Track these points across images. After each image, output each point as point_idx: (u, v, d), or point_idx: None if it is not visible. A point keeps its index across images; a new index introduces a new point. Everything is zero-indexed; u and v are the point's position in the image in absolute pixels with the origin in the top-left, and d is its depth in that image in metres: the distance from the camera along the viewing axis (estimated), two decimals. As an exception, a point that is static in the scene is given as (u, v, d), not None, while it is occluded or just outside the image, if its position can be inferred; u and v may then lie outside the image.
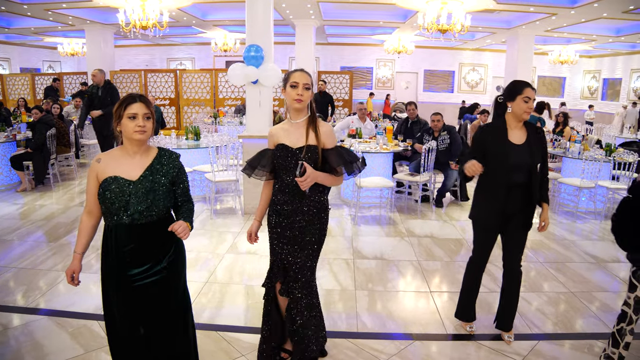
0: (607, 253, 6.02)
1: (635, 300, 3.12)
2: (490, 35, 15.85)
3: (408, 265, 5.29)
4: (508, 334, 3.77)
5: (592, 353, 3.68)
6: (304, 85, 2.86)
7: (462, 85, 21.71)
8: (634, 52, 19.16)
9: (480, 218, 3.65)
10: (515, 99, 3.42)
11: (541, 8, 10.43)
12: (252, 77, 6.19)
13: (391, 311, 4.19)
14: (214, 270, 4.93)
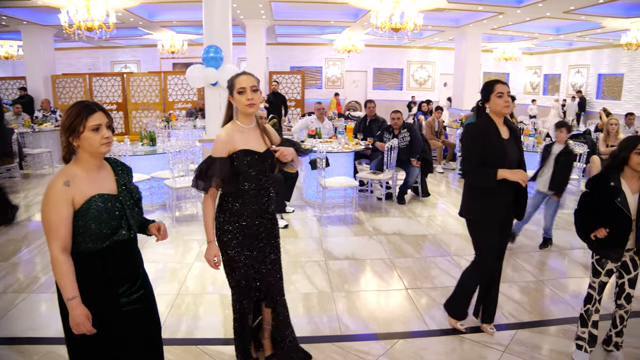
0: (566, 241, 6.27)
1: (599, 285, 3.33)
2: (438, 34, 16.16)
3: (380, 263, 5.28)
4: (489, 325, 3.83)
5: (568, 337, 3.82)
6: (252, 88, 2.74)
7: (411, 82, 22.05)
8: (571, 50, 20.12)
9: (487, 218, 3.54)
10: (490, 98, 3.45)
11: (489, 7, 10.72)
12: (212, 79, 6.03)
13: (371, 311, 4.17)
14: (184, 281, 4.75)
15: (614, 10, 11.17)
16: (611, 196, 3.13)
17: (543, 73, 22.55)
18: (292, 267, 5.05)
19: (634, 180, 3.17)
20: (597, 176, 3.28)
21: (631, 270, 3.30)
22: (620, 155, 3.15)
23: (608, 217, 3.14)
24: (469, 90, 14.62)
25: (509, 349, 3.62)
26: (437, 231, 6.43)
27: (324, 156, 6.65)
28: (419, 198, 8.10)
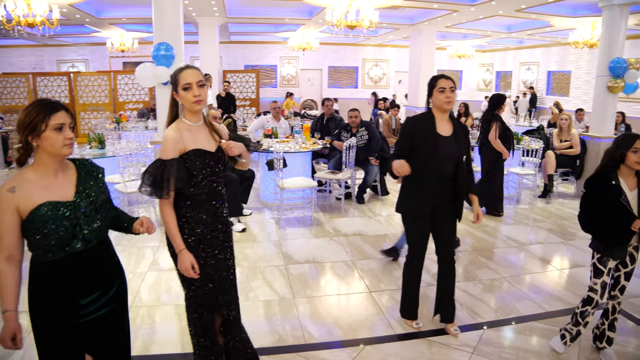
0: (525, 236, 6.36)
1: (602, 286, 3.30)
2: (393, 32, 16.21)
3: (342, 266, 5.17)
4: (453, 327, 3.79)
5: (534, 334, 3.83)
6: (198, 84, 2.55)
7: (366, 80, 22.11)
8: (522, 47, 20.66)
9: (410, 210, 3.64)
10: (433, 93, 3.49)
11: (444, 5, 10.79)
12: (163, 78, 5.76)
13: (335, 317, 4.04)
14: (137, 292, 4.45)
15: (562, 10, 11.48)
16: (614, 195, 3.13)
17: (495, 70, 23.09)
18: (251, 273, 4.86)
19: (630, 178, 3.21)
20: (596, 176, 3.26)
21: (629, 264, 3.34)
22: (617, 154, 3.17)
23: (614, 216, 3.14)
24: (424, 87, 14.66)
25: (477, 350, 3.58)
26: (398, 230, 6.37)
27: (281, 156, 6.49)
28: (378, 197, 8.05)
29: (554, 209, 7.73)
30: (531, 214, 7.46)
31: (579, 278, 5.04)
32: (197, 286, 2.70)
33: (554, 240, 6.25)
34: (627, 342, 3.79)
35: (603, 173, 3.22)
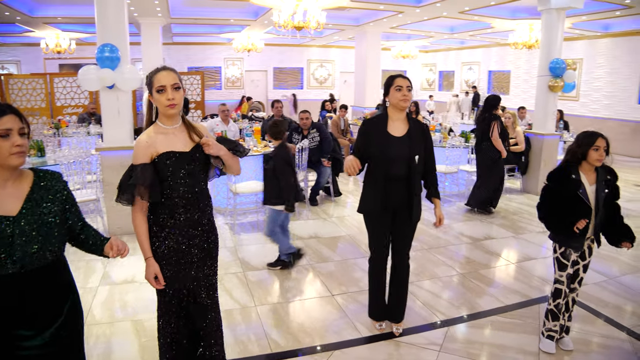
0: (478, 232, 6.52)
1: (567, 277, 3.44)
2: (338, 32, 16.28)
3: (301, 270, 5.10)
4: (397, 326, 3.81)
5: (497, 328, 3.93)
6: (173, 86, 2.44)
7: (311, 81, 22.14)
8: (464, 48, 21.32)
9: (367, 210, 3.65)
10: (389, 91, 3.51)
11: (390, 6, 10.91)
12: (108, 81, 5.48)
13: (300, 323, 3.96)
14: (89, 309, 4.16)
15: (502, 12, 11.90)
16: (573, 188, 3.28)
17: (438, 70, 23.69)
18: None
19: (590, 173, 3.34)
20: (558, 170, 3.41)
21: (587, 256, 3.49)
22: (579, 152, 3.30)
23: (571, 208, 3.28)
24: (370, 88, 14.88)
25: (444, 347, 3.61)
26: (354, 231, 6.38)
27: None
28: (331, 198, 8.04)
29: (502, 204, 7.95)
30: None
31: (532, 270, 5.22)
32: (170, 296, 2.61)
33: (505, 234, 6.43)
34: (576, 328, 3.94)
35: (565, 167, 3.36)
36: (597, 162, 3.25)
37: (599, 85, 15.32)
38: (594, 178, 3.33)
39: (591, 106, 15.55)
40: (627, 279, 5.11)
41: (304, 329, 3.86)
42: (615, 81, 14.78)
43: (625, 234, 3.33)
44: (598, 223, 3.34)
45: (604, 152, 3.24)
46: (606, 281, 5.03)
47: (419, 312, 4.16)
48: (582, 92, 15.70)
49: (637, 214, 7.76)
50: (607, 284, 4.95)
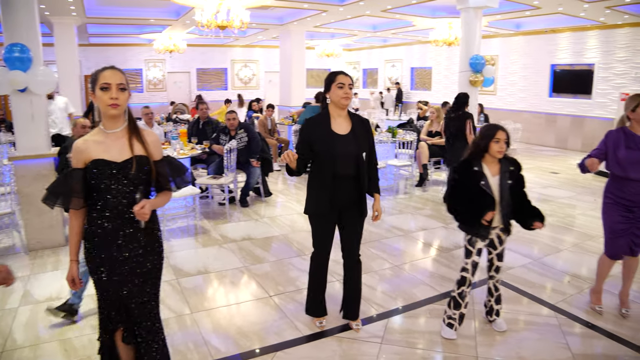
0: (408, 224, 6.69)
1: (472, 265, 3.54)
2: (262, 32, 16.17)
3: (237, 273, 4.98)
4: (356, 322, 3.82)
5: (435, 316, 4.03)
6: (118, 86, 2.34)
7: (236, 81, 21.87)
8: (386, 46, 21.81)
9: (313, 209, 3.58)
10: (330, 88, 3.46)
11: (314, 5, 10.94)
12: (19, 84, 5.10)
13: (239, 327, 3.85)
14: (9, 333, 3.79)
15: (423, 11, 12.28)
16: (476, 180, 3.38)
17: (362, 68, 24.09)
18: (140, 292, 4.48)
19: (493, 165, 3.45)
20: (463, 162, 3.49)
21: (497, 246, 3.60)
22: (481, 144, 3.41)
23: (475, 199, 3.38)
24: (296, 87, 14.89)
25: (385, 339, 3.66)
26: (287, 231, 6.33)
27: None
28: (262, 199, 7.95)
29: (430, 196, 8.19)
30: (411, 202, 7.84)
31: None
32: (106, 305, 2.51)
33: (435, 225, 6.62)
34: (506, 310, 4.15)
35: (469, 160, 3.47)
36: (498, 153, 3.37)
37: (514, 79, 16.19)
38: (497, 169, 3.44)
39: (508, 99, 16.40)
40: (549, 260, 5.44)
41: (244, 332, 3.77)
42: (528, 76, 15.68)
43: (535, 215, 3.47)
44: (505, 213, 3.45)
45: (505, 144, 3.37)
46: (531, 263, 5.33)
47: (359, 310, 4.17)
48: (499, 86, 16.51)
49: (553, 199, 8.25)
50: (532, 266, 5.24)
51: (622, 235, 3.92)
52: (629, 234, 3.91)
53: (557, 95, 14.94)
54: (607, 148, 3.88)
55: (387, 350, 3.52)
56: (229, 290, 4.61)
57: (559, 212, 7.41)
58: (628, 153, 3.76)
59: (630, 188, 3.81)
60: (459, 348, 3.57)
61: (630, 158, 3.76)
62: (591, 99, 14.08)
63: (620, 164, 3.81)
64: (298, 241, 5.90)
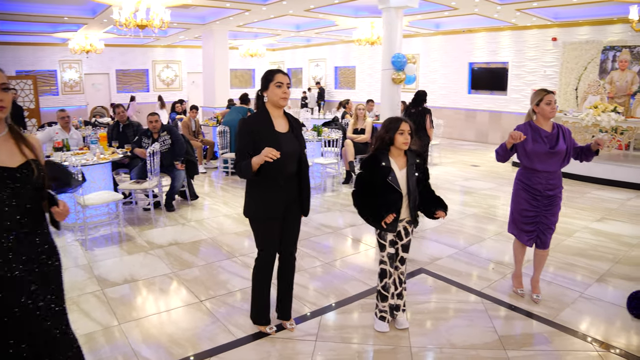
0: (337, 221, 6.79)
1: (388, 257, 3.61)
2: (184, 32, 15.79)
3: (165, 279, 4.83)
4: (290, 322, 3.81)
5: (367, 310, 4.10)
6: (1, 87, 2.18)
7: (158, 83, 21.26)
8: (310, 45, 21.94)
9: (260, 212, 3.46)
10: (269, 87, 3.39)
11: (236, 4, 10.81)
12: None
13: (170, 335, 3.73)
14: None
15: (345, 11, 12.45)
16: (383, 175, 3.41)
17: (286, 67, 24.10)
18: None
19: (400, 158, 3.51)
20: (370, 158, 3.52)
21: (403, 237, 3.66)
22: (386, 137, 3.45)
23: (382, 194, 3.42)
24: (220, 87, 14.68)
25: (319, 336, 3.68)
26: (215, 234, 6.22)
27: (78, 170, 5.82)
28: (188, 202, 7.77)
29: (357, 192, 8.33)
30: (338, 200, 7.94)
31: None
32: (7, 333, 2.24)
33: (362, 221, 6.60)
34: (430, 299, 4.36)
35: (375, 155, 3.51)
36: (404, 145, 3.44)
37: (435, 77, 16.78)
38: (404, 162, 3.52)
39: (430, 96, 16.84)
40: (474, 249, 5.70)
41: (175, 340, 3.65)
42: (448, 74, 16.32)
43: (438, 204, 3.58)
44: (412, 206, 3.53)
45: (409, 136, 3.44)
46: (456, 253, 5.55)
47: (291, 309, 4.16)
48: (421, 84, 17.05)
49: (475, 190, 8.63)
50: (457, 255, 5.47)
51: (528, 223, 4.17)
52: (537, 224, 4.15)
53: (476, 92, 15.65)
54: None
55: (323, 347, 3.54)
56: (158, 298, 4.46)
57: (482, 203, 7.75)
58: (534, 146, 4.00)
59: (536, 178, 4.06)
60: (393, 340, 3.65)
61: (536, 151, 4.00)
62: (507, 95, 14.88)
63: (527, 156, 4.05)
64: (227, 244, 5.80)
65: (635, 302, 4.14)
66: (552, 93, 4.05)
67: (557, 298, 4.40)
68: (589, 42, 12.75)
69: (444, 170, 10.65)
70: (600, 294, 4.53)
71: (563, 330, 3.84)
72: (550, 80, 13.76)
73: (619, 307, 4.23)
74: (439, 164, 11.34)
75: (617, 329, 3.90)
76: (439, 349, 3.55)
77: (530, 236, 4.20)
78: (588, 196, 8.33)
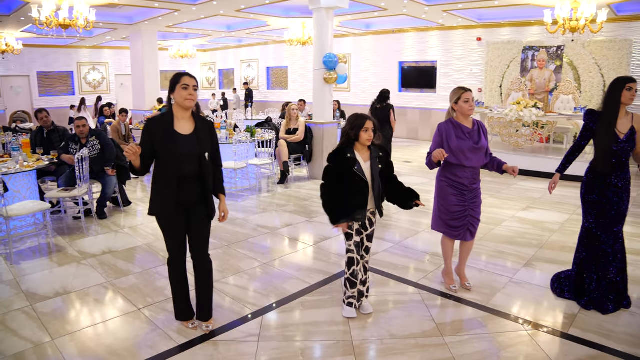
0: (273, 221, 6.85)
1: (355, 245, 3.79)
2: (110, 32, 15.23)
3: (100, 289, 4.66)
4: (206, 324, 3.82)
5: (307, 307, 4.19)
6: None
7: (84, 85, 20.43)
8: (242, 46, 21.77)
9: (159, 210, 3.55)
10: (175, 89, 3.46)
11: (165, 4, 10.57)
12: None
13: (108, 346, 3.61)
14: None
15: (276, 11, 12.45)
16: (349, 166, 3.62)
17: (218, 68, 23.80)
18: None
19: (364, 152, 3.74)
20: (336, 150, 3.72)
21: (368, 227, 3.84)
22: (352, 134, 3.67)
23: (349, 184, 3.63)
24: (150, 90, 14.32)
25: (262, 336, 3.71)
26: (150, 239, 6.08)
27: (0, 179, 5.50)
28: (121, 209, 7.54)
29: (292, 192, 8.39)
30: (274, 200, 7.97)
31: (329, 249, 5.70)
32: None
33: (299, 220, 6.82)
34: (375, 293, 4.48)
35: (341, 147, 3.73)
36: (367, 141, 3.69)
37: (366, 76, 17.12)
38: (368, 156, 3.75)
39: (361, 95, 17.28)
40: (409, 242, 5.92)
41: (114, 351, 3.54)
42: (379, 73, 16.69)
43: (412, 196, 3.83)
44: (377, 196, 3.74)
45: (373, 133, 3.67)
46: (393, 247, 5.75)
47: (230, 308, 4.16)
48: (353, 83, 17.34)
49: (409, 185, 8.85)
50: (394, 249, 5.66)
51: (458, 218, 4.34)
52: (466, 217, 4.34)
53: (406, 90, 16.10)
54: (442, 139, 4.24)
55: (265, 347, 3.56)
56: (93, 309, 4.30)
57: (414, 198, 8.00)
58: (458, 142, 4.18)
59: (462, 173, 4.23)
60: (335, 334, 3.73)
61: (461, 147, 4.17)
62: (436, 92, 15.43)
63: (453, 153, 4.20)
64: (163, 249, 5.66)
65: (557, 282, 4.49)
66: (469, 91, 4.20)
67: (488, 284, 4.66)
68: (510, 42, 13.43)
69: (378, 167, 10.87)
70: (527, 277, 4.85)
71: (495, 314, 4.08)
72: (477, 78, 14.38)
73: (544, 289, 4.56)
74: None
75: (544, 309, 4.19)
76: (380, 341, 3.66)
77: (460, 231, 4.37)
78: (514, 187, 8.76)
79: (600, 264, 4.14)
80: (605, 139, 3.94)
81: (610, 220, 4.07)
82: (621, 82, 3.93)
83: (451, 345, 3.58)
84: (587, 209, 4.19)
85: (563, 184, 9.14)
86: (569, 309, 4.18)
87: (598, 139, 4.02)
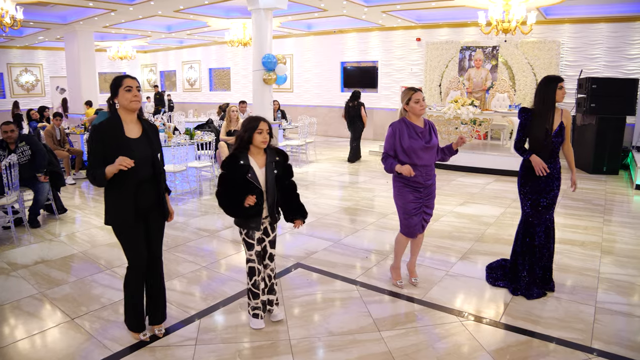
0: (214, 224, 6.79)
1: (256, 255, 3.72)
2: (43, 32, 14.63)
3: (31, 301, 4.45)
4: (158, 327, 3.77)
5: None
6: None
7: (16, 88, 19.53)
8: (183, 47, 21.39)
9: (118, 218, 3.44)
10: (118, 92, 3.39)
11: (100, 4, 10.26)
12: None
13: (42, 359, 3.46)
14: None
15: (216, 12, 12.33)
16: (242, 173, 3.50)
17: (159, 70, 23.31)
18: None
19: (259, 156, 3.61)
20: (229, 157, 3.58)
21: (270, 233, 3.78)
22: (245, 136, 3.54)
23: (244, 192, 3.48)
24: (87, 92, 13.86)
25: (199, 340, 3.67)
26: (86, 247, 5.89)
27: None
28: (55, 216, 7.25)
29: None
30: (215, 202, 7.80)
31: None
32: None
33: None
34: (307, 292, 4.54)
35: (234, 154, 3.59)
36: (262, 144, 3.56)
37: (308, 77, 17.19)
38: (264, 161, 3.63)
39: (304, 96, 17.35)
40: (348, 240, 6.01)
41: (46, 364, 3.41)
42: (321, 73, 16.81)
43: (298, 212, 3.75)
44: (272, 203, 3.64)
45: (268, 135, 3.57)
46: (332, 245, 5.81)
47: (168, 313, 4.06)
48: (295, 83, 17.37)
49: (350, 184, 9.03)
50: (333, 248, 5.72)
51: (415, 214, 4.43)
52: (420, 213, 4.44)
53: (348, 90, 16.26)
54: (395, 139, 4.31)
55: (203, 350, 3.52)
56: (25, 322, 4.11)
57: (355, 196, 8.11)
58: (411, 142, 4.26)
59: (416, 171, 4.28)
60: (273, 335, 3.74)
61: (413, 146, 4.25)
62: (377, 92, 15.66)
63: (406, 152, 4.28)
64: (99, 256, 5.53)
65: (490, 272, 4.76)
66: (419, 91, 4.30)
67: (426, 278, 4.80)
68: (448, 42, 13.83)
69: (320, 166, 10.98)
70: (463, 270, 5.04)
71: (431, 307, 4.21)
72: (417, 77, 14.72)
73: (479, 280, 4.75)
74: (314, 160, 11.65)
75: (478, 300, 4.37)
76: (317, 338, 3.70)
77: (417, 227, 4.46)
78: (453, 183, 9.03)
79: (534, 252, 4.43)
80: (538, 134, 4.23)
81: (542, 208, 4.38)
82: (554, 81, 4.19)
83: (387, 339, 3.66)
84: (523, 199, 4.48)
85: (500, 178, 9.53)
86: (501, 298, 4.38)
87: (532, 134, 4.29)
